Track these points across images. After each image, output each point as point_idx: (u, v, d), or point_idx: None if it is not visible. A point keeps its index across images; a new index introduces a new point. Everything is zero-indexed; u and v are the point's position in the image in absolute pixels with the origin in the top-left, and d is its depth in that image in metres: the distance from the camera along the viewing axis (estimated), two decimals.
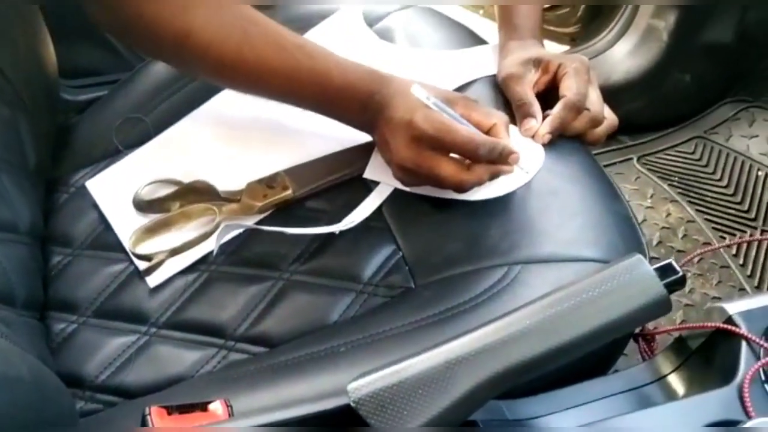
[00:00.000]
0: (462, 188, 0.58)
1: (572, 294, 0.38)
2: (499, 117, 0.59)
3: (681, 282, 0.39)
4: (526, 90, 0.68)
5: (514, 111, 0.68)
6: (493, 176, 0.59)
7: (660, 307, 0.38)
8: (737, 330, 0.47)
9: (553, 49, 1.27)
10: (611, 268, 0.39)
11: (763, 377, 0.45)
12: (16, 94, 0.66)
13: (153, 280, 0.62)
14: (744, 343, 0.46)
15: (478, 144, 0.55)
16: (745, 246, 1.00)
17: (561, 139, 0.66)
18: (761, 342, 0.46)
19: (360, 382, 0.37)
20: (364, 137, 0.64)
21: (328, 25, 0.78)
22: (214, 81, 0.66)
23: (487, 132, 0.58)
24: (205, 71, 0.61)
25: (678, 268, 0.39)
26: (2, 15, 0.65)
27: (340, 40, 0.77)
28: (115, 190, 0.68)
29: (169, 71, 0.76)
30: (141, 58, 0.86)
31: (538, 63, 0.69)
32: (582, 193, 0.63)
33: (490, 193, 0.61)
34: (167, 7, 0.55)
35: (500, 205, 0.61)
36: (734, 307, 0.49)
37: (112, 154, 0.72)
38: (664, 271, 0.39)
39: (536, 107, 0.66)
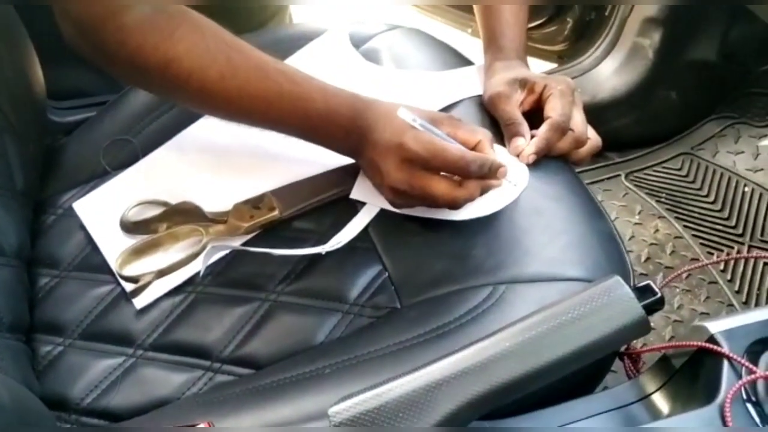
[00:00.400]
0: (456, 205, 0.59)
1: (551, 316, 0.38)
2: (484, 134, 0.60)
3: (660, 303, 0.40)
4: (514, 109, 0.68)
5: (502, 129, 0.68)
6: (484, 191, 0.59)
7: (639, 328, 0.39)
8: (719, 349, 0.47)
9: (540, 66, 1.29)
10: (590, 290, 0.39)
11: (744, 396, 0.46)
12: (3, 116, 0.67)
13: (140, 302, 0.62)
14: (726, 362, 0.47)
15: (468, 161, 0.56)
16: (732, 262, 1.00)
17: (545, 159, 0.67)
18: (742, 361, 0.46)
19: (341, 406, 0.37)
20: (349, 159, 0.64)
21: (315, 47, 0.79)
22: (197, 109, 0.66)
23: (473, 148, 0.59)
24: (187, 99, 0.61)
25: (657, 289, 0.40)
26: None
27: (326, 61, 0.77)
28: (102, 211, 0.68)
29: None
30: None
31: (524, 83, 0.70)
32: (566, 212, 0.63)
33: (482, 210, 0.61)
34: (150, 36, 0.55)
35: (485, 224, 0.62)
36: (716, 326, 0.49)
37: (100, 175, 0.72)
38: (643, 292, 0.39)
39: (525, 127, 0.67)
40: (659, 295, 0.39)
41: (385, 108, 0.59)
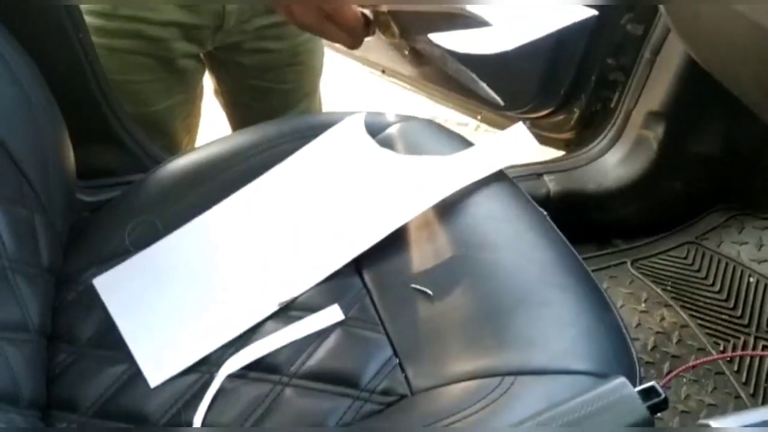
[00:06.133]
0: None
1: (558, 415, 0.39)
2: None
3: (664, 403, 0.41)
4: None
5: None
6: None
7: (643, 428, 0.40)
8: None
9: (549, 153, 1.33)
10: (597, 390, 0.41)
11: None
12: (36, 196, 0.70)
13: (154, 380, 0.63)
14: None
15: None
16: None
17: (552, 246, 0.69)
18: None
19: None
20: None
21: (333, 134, 0.83)
22: None
23: None
24: None
25: (661, 390, 0.41)
26: (32, 125, 0.70)
27: (343, 148, 0.81)
28: (123, 289, 0.71)
29: (182, 174, 0.81)
30: (155, 160, 0.91)
31: None
32: (574, 303, 0.65)
33: None
34: None
35: (495, 313, 0.64)
36: (719, 423, 0.50)
37: (122, 253, 0.75)
38: (648, 394, 0.41)
39: None
40: (663, 396, 0.41)
41: None
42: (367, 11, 0.66)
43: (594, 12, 0.68)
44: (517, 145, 0.80)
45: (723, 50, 0.90)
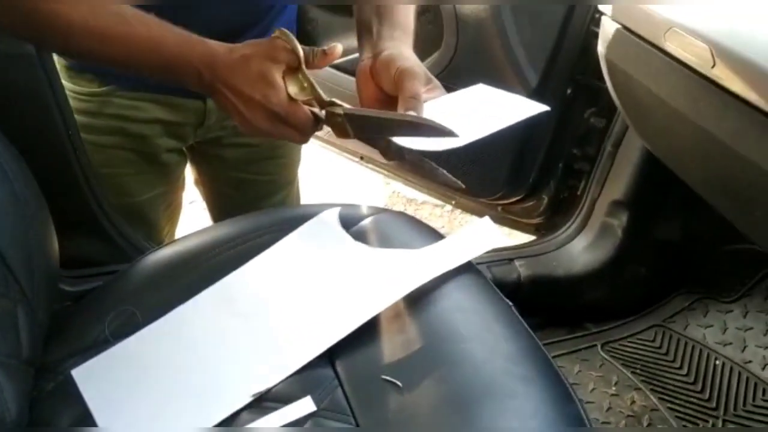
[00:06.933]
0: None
1: None
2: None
3: None
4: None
5: (402, 100, 0.70)
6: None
7: None
8: None
9: (519, 238, 1.38)
10: None
11: None
12: (19, 288, 0.72)
13: None
14: None
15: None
16: None
17: (516, 337, 0.72)
18: None
19: None
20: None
21: (309, 228, 0.86)
22: (65, 49, 0.76)
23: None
24: (55, 39, 0.69)
25: None
26: (19, 218, 0.73)
27: (318, 241, 0.85)
28: (100, 380, 0.72)
29: (162, 265, 0.84)
30: (139, 250, 0.94)
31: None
32: (537, 395, 0.68)
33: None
34: None
35: (463, 404, 0.66)
36: None
37: (102, 343, 0.77)
38: None
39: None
40: None
41: (232, 60, 0.68)
42: (317, 110, 0.71)
43: (546, 108, 0.72)
44: (484, 238, 0.84)
45: (673, 147, 0.97)
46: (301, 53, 0.69)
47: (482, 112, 0.73)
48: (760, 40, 0.75)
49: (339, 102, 0.70)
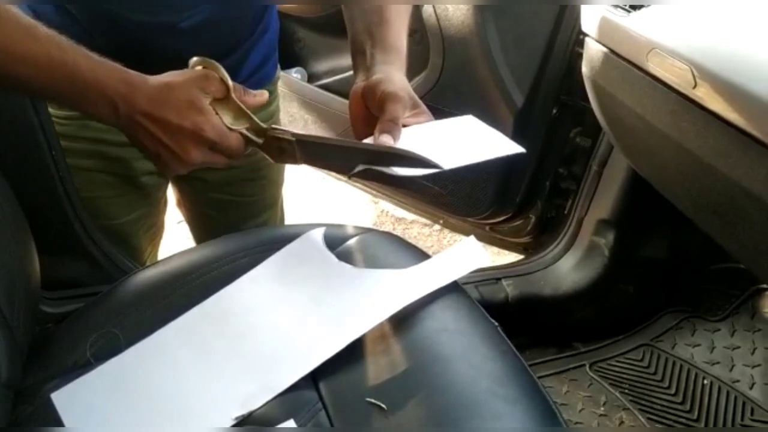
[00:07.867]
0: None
1: None
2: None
3: None
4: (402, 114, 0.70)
5: (381, 121, 0.69)
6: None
7: None
8: None
9: (507, 258, 1.38)
10: None
11: None
12: None
13: None
14: None
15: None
16: None
17: (504, 361, 0.72)
18: None
19: None
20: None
21: (293, 248, 0.86)
22: None
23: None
24: None
25: None
26: (4, 241, 0.72)
27: (303, 261, 0.84)
28: (81, 403, 0.71)
29: (145, 286, 0.83)
30: (122, 271, 0.93)
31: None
32: (522, 417, 0.67)
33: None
34: None
35: (449, 426, 0.65)
36: None
37: (83, 366, 0.76)
38: None
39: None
40: None
41: (152, 88, 0.64)
42: (249, 134, 0.70)
43: (522, 150, 0.73)
44: (470, 258, 0.84)
45: (658, 166, 0.97)
46: (230, 82, 0.68)
47: (460, 144, 0.74)
48: (740, 61, 0.76)
49: (280, 128, 0.69)
